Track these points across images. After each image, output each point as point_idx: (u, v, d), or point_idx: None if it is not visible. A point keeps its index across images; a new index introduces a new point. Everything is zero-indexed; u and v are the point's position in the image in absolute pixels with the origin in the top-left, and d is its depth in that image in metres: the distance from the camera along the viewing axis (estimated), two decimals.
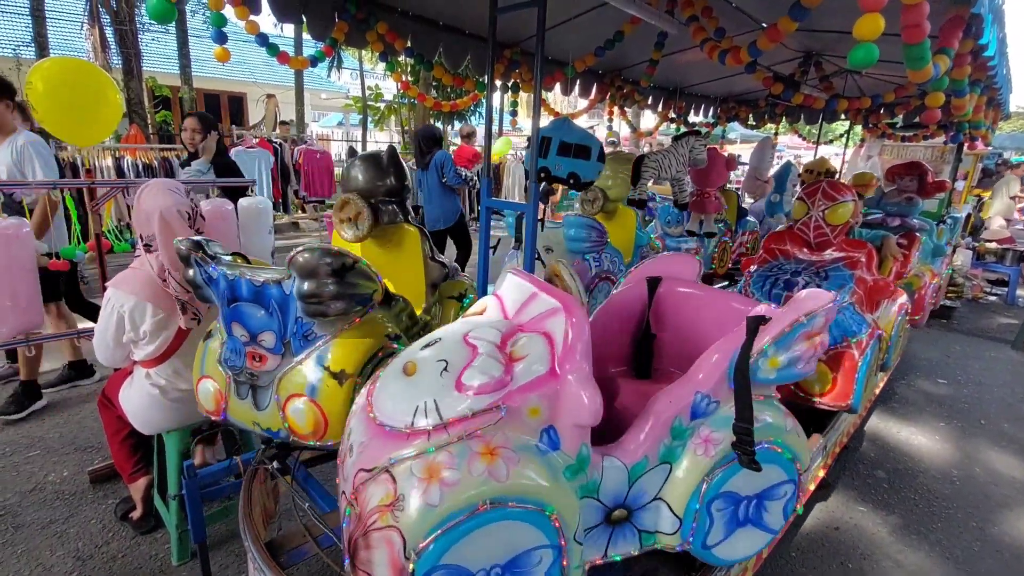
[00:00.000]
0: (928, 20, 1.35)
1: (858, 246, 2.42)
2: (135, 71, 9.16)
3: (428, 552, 0.96)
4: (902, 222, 3.66)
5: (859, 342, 2.19)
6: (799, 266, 2.47)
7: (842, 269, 2.37)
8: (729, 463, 1.28)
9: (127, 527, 2.31)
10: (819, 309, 1.34)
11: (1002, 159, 10.11)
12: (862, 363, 2.15)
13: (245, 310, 1.50)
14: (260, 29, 2.14)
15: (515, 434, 1.07)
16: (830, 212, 2.41)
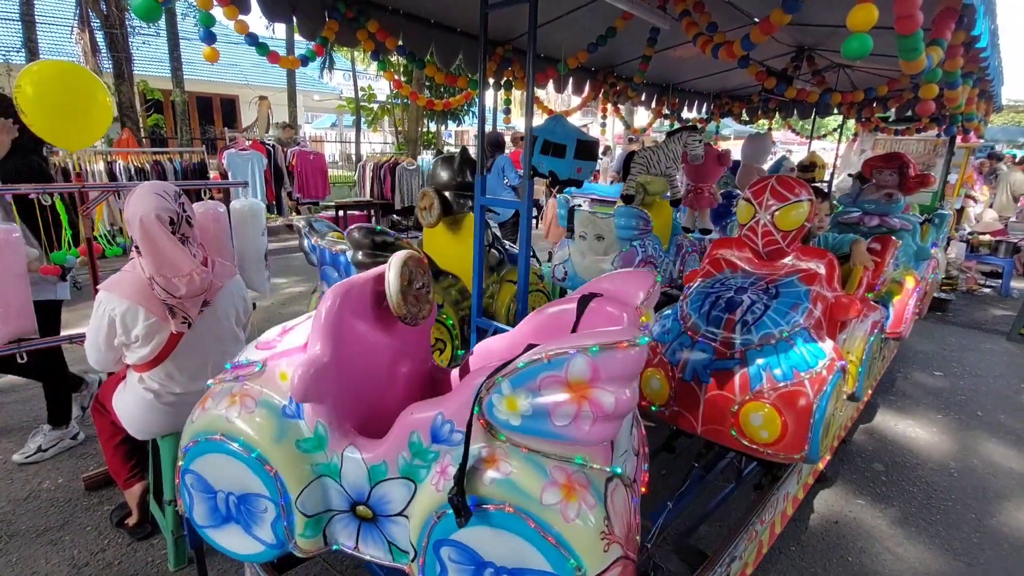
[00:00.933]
0: (921, 11, 1.35)
1: (816, 255, 2.00)
2: (126, 74, 9.10)
3: (186, 455, 1.34)
4: (881, 221, 3.29)
5: (815, 377, 1.71)
6: (746, 280, 2.01)
7: (796, 284, 1.93)
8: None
9: (123, 533, 2.29)
10: (572, 350, 0.96)
11: (992, 152, 10.14)
12: (819, 403, 1.67)
13: (327, 271, 2.23)
14: (250, 29, 2.12)
15: (267, 390, 1.29)
16: (780, 215, 1.94)
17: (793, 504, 2.24)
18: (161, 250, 1.82)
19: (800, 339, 1.77)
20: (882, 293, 2.95)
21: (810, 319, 1.83)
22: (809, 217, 1.96)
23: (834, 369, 1.74)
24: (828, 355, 1.76)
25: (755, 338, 1.77)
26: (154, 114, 12.34)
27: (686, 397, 1.85)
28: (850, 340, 2.14)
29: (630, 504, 1.10)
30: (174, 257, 1.83)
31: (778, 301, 1.86)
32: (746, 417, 1.71)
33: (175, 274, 1.84)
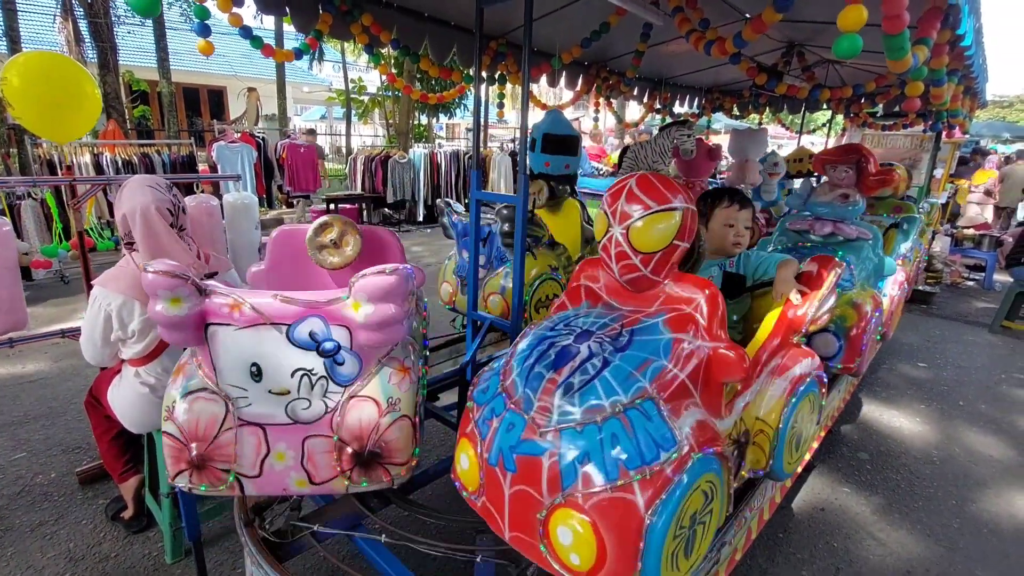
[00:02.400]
0: (907, 11, 1.38)
1: (694, 287, 1.37)
2: (111, 65, 8.94)
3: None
4: (835, 229, 2.71)
5: (654, 476, 1.09)
6: (597, 321, 1.39)
7: (659, 330, 1.31)
8: None
9: (119, 527, 2.30)
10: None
11: (976, 147, 10.30)
12: (656, 517, 1.07)
13: (469, 242, 2.29)
14: (243, 21, 2.11)
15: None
16: (635, 230, 1.36)
17: (781, 492, 2.29)
18: (161, 244, 1.82)
19: (641, 416, 1.15)
20: (831, 320, 2.37)
21: (664, 385, 1.21)
22: (682, 233, 1.35)
23: (686, 463, 1.12)
24: (683, 441, 1.15)
25: (577, 411, 1.16)
26: (140, 105, 12.16)
27: (492, 487, 1.27)
28: (760, 402, 1.53)
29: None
30: (173, 250, 1.84)
31: (623, 355, 1.25)
32: (555, 530, 1.13)
33: None
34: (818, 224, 2.76)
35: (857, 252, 2.69)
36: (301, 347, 1.29)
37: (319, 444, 1.32)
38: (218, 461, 1.33)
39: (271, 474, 1.34)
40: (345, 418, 1.31)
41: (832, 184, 2.85)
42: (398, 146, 11.11)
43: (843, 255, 2.57)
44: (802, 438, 1.72)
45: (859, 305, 2.52)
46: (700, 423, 1.22)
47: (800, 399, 1.57)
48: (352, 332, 1.27)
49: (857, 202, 2.73)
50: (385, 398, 1.34)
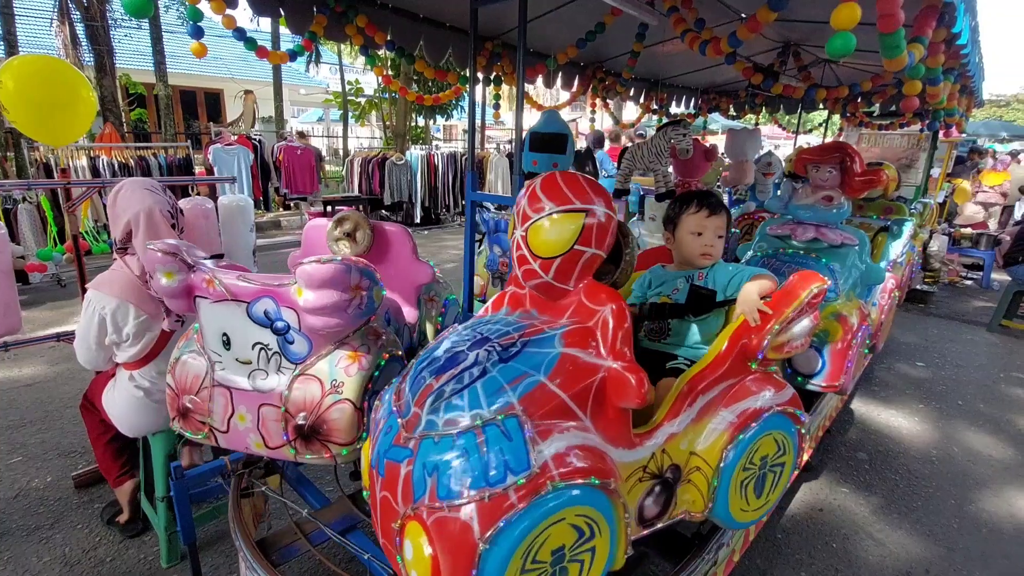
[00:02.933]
0: (903, 9, 1.38)
1: (604, 298, 1.24)
2: (108, 68, 8.95)
3: None
4: (818, 234, 2.51)
5: (495, 499, 1.00)
6: (503, 329, 1.27)
7: (553, 344, 1.20)
8: None
9: (114, 531, 2.29)
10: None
11: (974, 147, 10.32)
12: (493, 543, 0.98)
13: (501, 237, 2.80)
14: (237, 23, 2.11)
15: None
16: (532, 232, 1.26)
17: None
18: None
19: (499, 433, 1.05)
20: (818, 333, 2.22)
21: (535, 403, 1.09)
22: (587, 238, 1.22)
23: (538, 491, 1.00)
24: (538, 467, 1.03)
25: (440, 420, 1.09)
26: (137, 108, 12.14)
27: (372, 489, 1.23)
28: (696, 435, 1.35)
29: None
30: None
31: (503, 367, 1.15)
32: (404, 542, 1.09)
33: None
34: (800, 229, 2.55)
35: (842, 259, 2.49)
36: (258, 324, 1.41)
37: (270, 412, 1.45)
38: (197, 413, 1.53)
39: (235, 432, 1.50)
40: (292, 392, 1.42)
41: (815, 186, 2.57)
42: (395, 148, 11.11)
43: (827, 262, 2.43)
44: (764, 482, 1.43)
45: (844, 318, 2.29)
46: (579, 449, 1.08)
47: (755, 437, 1.35)
48: (299, 315, 1.37)
49: (842, 205, 2.51)
50: (330, 380, 1.42)
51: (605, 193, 1.27)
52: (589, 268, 1.26)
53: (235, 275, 1.43)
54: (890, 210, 3.84)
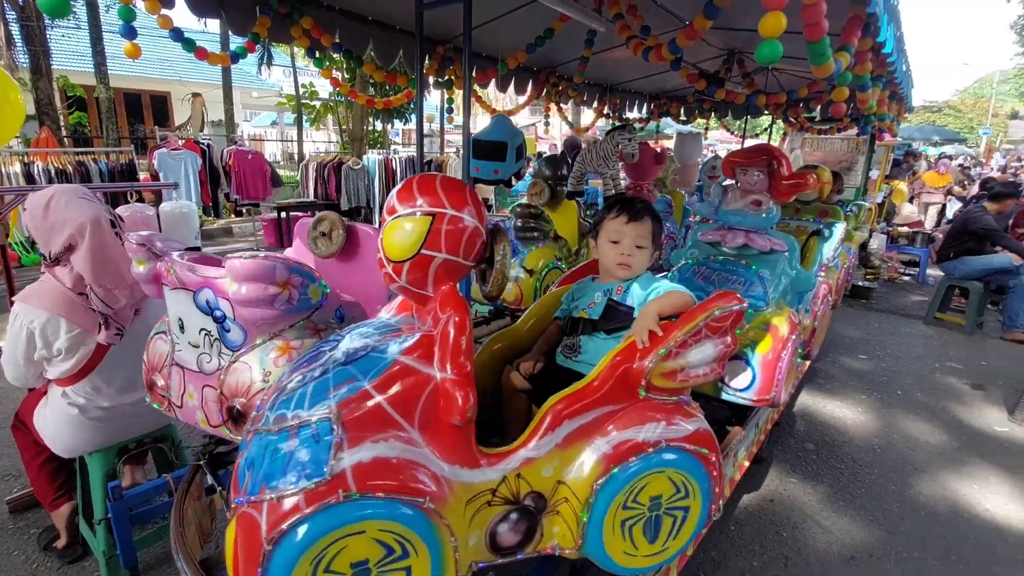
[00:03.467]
0: (830, 19, 1.45)
1: (450, 305, 1.16)
2: (44, 70, 8.49)
3: None
4: (747, 240, 2.39)
5: (279, 500, 0.99)
6: (379, 330, 1.26)
7: (394, 349, 1.16)
8: None
9: (52, 557, 2.17)
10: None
11: (909, 150, 10.94)
12: (277, 547, 0.97)
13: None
14: (174, 23, 2.04)
15: None
16: (384, 236, 1.22)
17: (730, 485, 2.35)
18: (109, 258, 1.75)
19: (310, 435, 1.03)
20: (738, 348, 2.14)
21: (353, 408, 1.06)
22: (435, 242, 1.17)
23: (324, 499, 0.98)
24: (333, 474, 0.99)
25: (272, 417, 1.11)
26: (76, 112, 11.56)
27: None
28: (565, 464, 1.24)
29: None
30: (121, 266, 1.77)
31: (340, 369, 1.14)
32: (226, 534, 1.11)
33: (116, 284, 1.76)
34: (729, 235, 2.42)
35: (772, 266, 2.40)
36: (201, 311, 1.50)
37: (211, 394, 1.52)
38: (160, 388, 1.65)
39: (187, 408, 1.58)
40: (227, 377, 1.49)
41: (744, 190, 2.45)
42: (352, 152, 10.94)
43: (757, 269, 2.37)
44: (658, 526, 1.29)
45: (773, 328, 2.20)
46: (392, 461, 1.04)
47: (637, 473, 1.22)
48: (232, 306, 1.45)
49: (771, 209, 2.39)
50: (260, 369, 1.46)
51: (464, 197, 1.20)
52: (449, 274, 1.20)
53: (187, 265, 1.52)
54: (826, 213, 3.87)
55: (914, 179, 10.23)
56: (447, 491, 1.08)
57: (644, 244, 1.50)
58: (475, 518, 1.14)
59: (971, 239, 5.26)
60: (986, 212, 5.23)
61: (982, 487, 2.91)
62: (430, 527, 1.04)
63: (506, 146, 2.90)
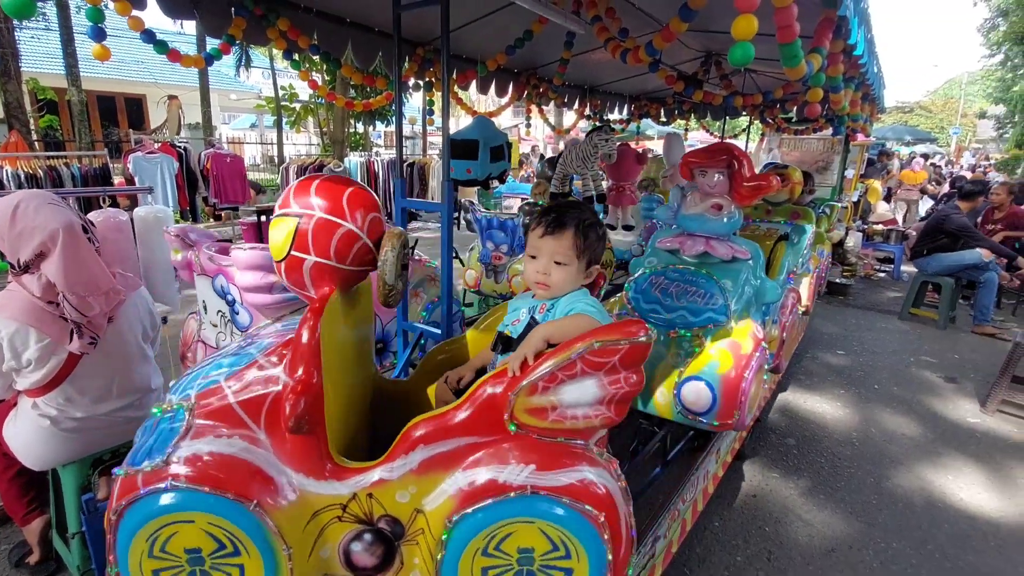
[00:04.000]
0: (802, 22, 1.47)
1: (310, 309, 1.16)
2: (12, 72, 8.27)
3: None
4: (708, 248, 2.20)
5: (125, 477, 1.08)
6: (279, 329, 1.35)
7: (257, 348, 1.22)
8: None
9: (24, 573, 2.10)
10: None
11: (883, 150, 11.19)
12: (114, 522, 1.07)
13: (494, 234, 3.26)
14: (145, 25, 2.00)
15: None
16: (269, 234, 1.26)
17: (714, 482, 2.38)
18: (83, 265, 1.70)
19: (168, 420, 1.12)
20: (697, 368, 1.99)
21: (204, 401, 1.12)
22: (302, 244, 1.17)
23: (157, 481, 1.04)
24: (166, 460, 1.05)
25: (170, 395, 1.19)
26: (47, 115, 11.29)
27: None
28: (423, 492, 1.15)
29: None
30: (95, 272, 1.73)
31: (217, 362, 1.20)
32: None
33: (91, 291, 1.72)
34: (689, 242, 2.23)
35: (734, 275, 2.20)
36: (218, 295, 1.66)
37: None
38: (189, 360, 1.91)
39: None
40: None
41: (703, 192, 2.24)
42: (333, 155, 10.85)
43: (718, 279, 2.17)
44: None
45: (736, 344, 2.03)
46: (227, 458, 1.06)
47: (495, 518, 1.09)
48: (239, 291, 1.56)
49: (732, 214, 2.20)
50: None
51: (339, 200, 1.18)
52: (325, 277, 1.19)
53: (208, 254, 1.68)
54: (797, 215, 3.73)
55: (888, 178, 10.47)
56: (287, 498, 1.09)
57: (565, 261, 1.28)
58: (326, 531, 1.13)
59: (944, 236, 5.39)
60: (959, 211, 5.37)
61: (956, 477, 2.99)
62: (260, 530, 1.05)
63: (478, 145, 2.91)
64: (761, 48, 1.67)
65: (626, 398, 1.12)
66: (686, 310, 2.17)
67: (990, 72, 23.51)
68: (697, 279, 2.21)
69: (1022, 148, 18.85)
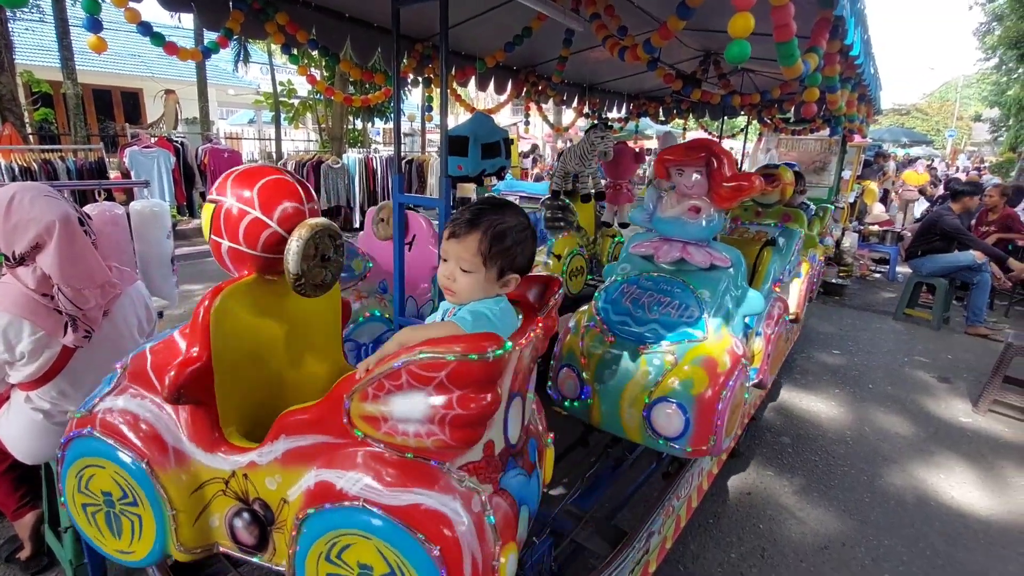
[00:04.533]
0: (800, 22, 1.48)
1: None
2: (6, 64, 8.19)
3: None
4: (683, 255, 2.04)
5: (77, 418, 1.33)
6: None
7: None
8: None
9: (15, 569, 2.10)
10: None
11: (879, 151, 11.23)
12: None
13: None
14: (142, 17, 1.99)
15: None
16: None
17: (708, 479, 2.39)
18: (79, 257, 1.70)
19: (109, 380, 1.37)
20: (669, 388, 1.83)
21: (134, 366, 1.29)
22: (217, 229, 1.24)
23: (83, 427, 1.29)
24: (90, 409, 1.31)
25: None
26: (42, 108, 11.21)
27: None
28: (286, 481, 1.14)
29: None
30: (92, 265, 1.72)
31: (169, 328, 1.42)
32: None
33: (86, 284, 1.71)
34: (664, 247, 2.07)
35: (713, 285, 2.00)
36: None
37: None
38: None
39: None
40: None
41: (680, 193, 2.05)
42: (331, 151, 10.81)
43: (695, 289, 2.00)
44: None
45: (712, 361, 1.81)
46: (133, 416, 1.24)
47: (333, 526, 1.03)
48: None
49: (712, 217, 2.02)
50: None
51: (249, 189, 1.22)
52: (239, 262, 1.26)
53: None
54: (788, 217, 3.53)
55: (884, 179, 10.51)
56: (177, 463, 1.21)
57: (469, 268, 1.13)
58: (212, 502, 1.23)
59: (938, 238, 5.41)
60: (952, 213, 5.39)
61: (948, 476, 3.01)
62: (151, 487, 1.19)
63: (468, 141, 2.90)
64: (759, 48, 1.68)
65: (461, 422, 0.97)
66: (658, 323, 1.96)
67: (985, 76, 23.61)
68: (672, 288, 2.04)
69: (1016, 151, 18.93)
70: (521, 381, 1.19)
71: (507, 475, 1.16)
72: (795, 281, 3.47)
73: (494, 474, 1.12)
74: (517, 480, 1.19)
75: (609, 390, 1.97)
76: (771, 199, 3.46)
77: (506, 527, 1.09)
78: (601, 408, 2.00)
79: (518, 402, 1.20)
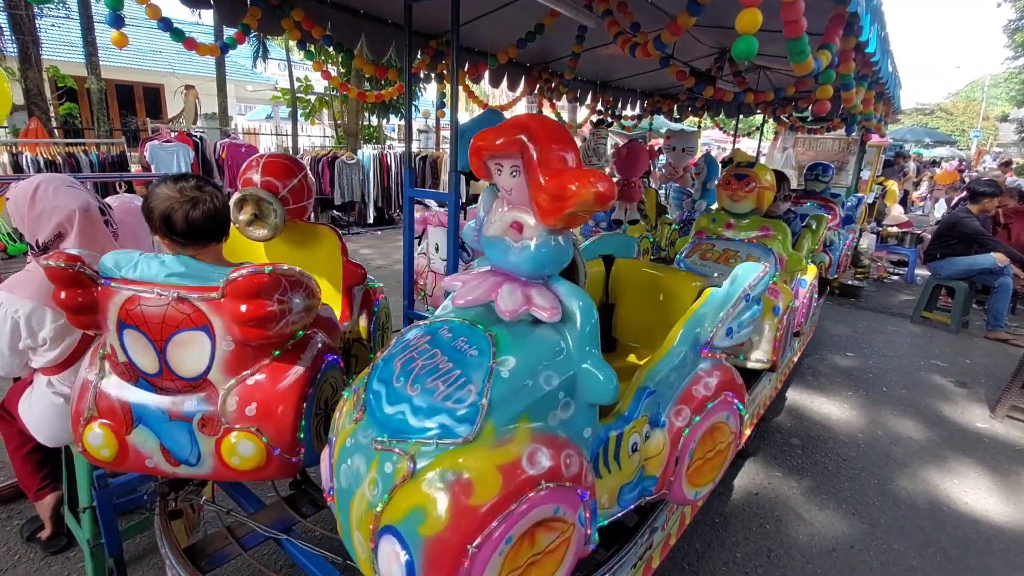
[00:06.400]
0: (814, 18, 1.47)
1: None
2: (33, 59, 8.40)
3: None
4: (493, 293, 1.34)
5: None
6: None
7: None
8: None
9: (36, 548, 2.17)
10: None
11: (899, 151, 11.03)
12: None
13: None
14: (162, 13, 2.03)
15: None
16: None
17: None
18: (100, 246, 1.76)
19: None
20: (395, 514, 1.03)
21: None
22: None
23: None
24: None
25: None
26: (67, 102, 11.46)
27: None
28: None
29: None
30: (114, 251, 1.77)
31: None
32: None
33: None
34: (473, 283, 1.32)
35: (526, 349, 1.21)
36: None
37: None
38: (421, 285, 2.78)
39: (435, 296, 2.47)
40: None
41: (505, 200, 1.30)
42: (347, 147, 10.90)
43: (503, 352, 1.19)
44: None
45: (465, 484, 1.02)
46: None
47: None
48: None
49: (544, 240, 1.22)
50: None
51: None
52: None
53: (439, 213, 2.39)
54: (767, 230, 2.80)
55: (905, 180, 10.33)
56: None
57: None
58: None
59: (957, 240, 5.31)
60: (970, 214, 5.29)
61: (961, 481, 2.96)
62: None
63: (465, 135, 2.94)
64: (775, 45, 1.67)
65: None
66: (409, 404, 1.15)
67: (1014, 75, 23.03)
68: (468, 349, 1.22)
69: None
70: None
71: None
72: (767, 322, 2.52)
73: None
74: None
75: (341, 496, 1.22)
76: (744, 207, 2.79)
77: None
78: (340, 519, 1.23)
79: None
